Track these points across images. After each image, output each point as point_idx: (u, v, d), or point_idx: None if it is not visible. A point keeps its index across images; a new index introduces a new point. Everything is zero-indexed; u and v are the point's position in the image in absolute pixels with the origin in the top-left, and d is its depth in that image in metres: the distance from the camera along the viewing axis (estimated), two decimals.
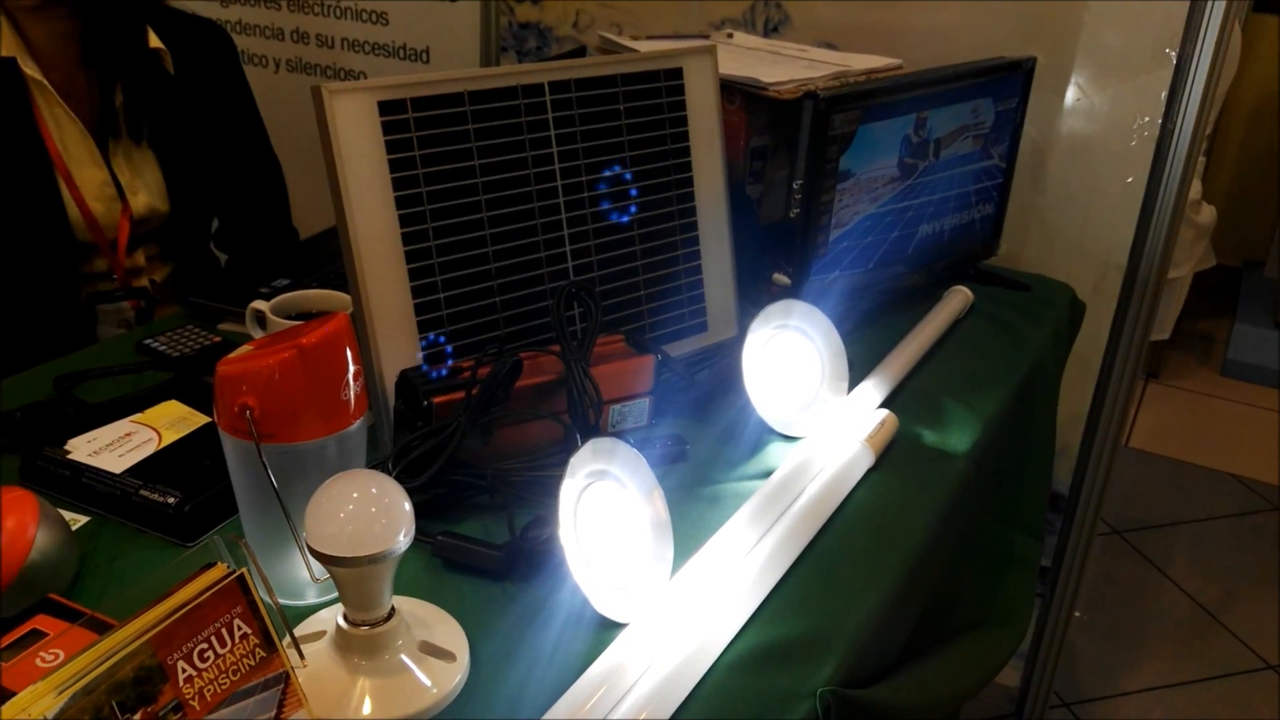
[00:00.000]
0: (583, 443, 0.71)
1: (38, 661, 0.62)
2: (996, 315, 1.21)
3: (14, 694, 0.44)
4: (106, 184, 1.24)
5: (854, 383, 0.97)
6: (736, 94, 1.20)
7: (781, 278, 1.15)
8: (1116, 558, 2.13)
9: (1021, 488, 1.13)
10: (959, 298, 1.21)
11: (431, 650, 0.66)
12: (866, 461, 0.88)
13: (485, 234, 0.93)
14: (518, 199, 0.94)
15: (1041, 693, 1.57)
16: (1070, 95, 1.40)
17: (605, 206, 1.00)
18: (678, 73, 1.04)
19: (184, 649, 0.49)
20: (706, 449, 0.92)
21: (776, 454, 0.91)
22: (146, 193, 1.27)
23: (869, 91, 1.15)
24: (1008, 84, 1.28)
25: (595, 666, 0.64)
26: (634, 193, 1.02)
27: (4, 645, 0.62)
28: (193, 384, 0.95)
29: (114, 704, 0.46)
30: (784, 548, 0.76)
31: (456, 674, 0.66)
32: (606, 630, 0.69)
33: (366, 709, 0.63)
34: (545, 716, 0.61)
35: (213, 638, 0.51)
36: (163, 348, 1.04)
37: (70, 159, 1.22)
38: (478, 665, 0.67)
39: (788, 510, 0.80)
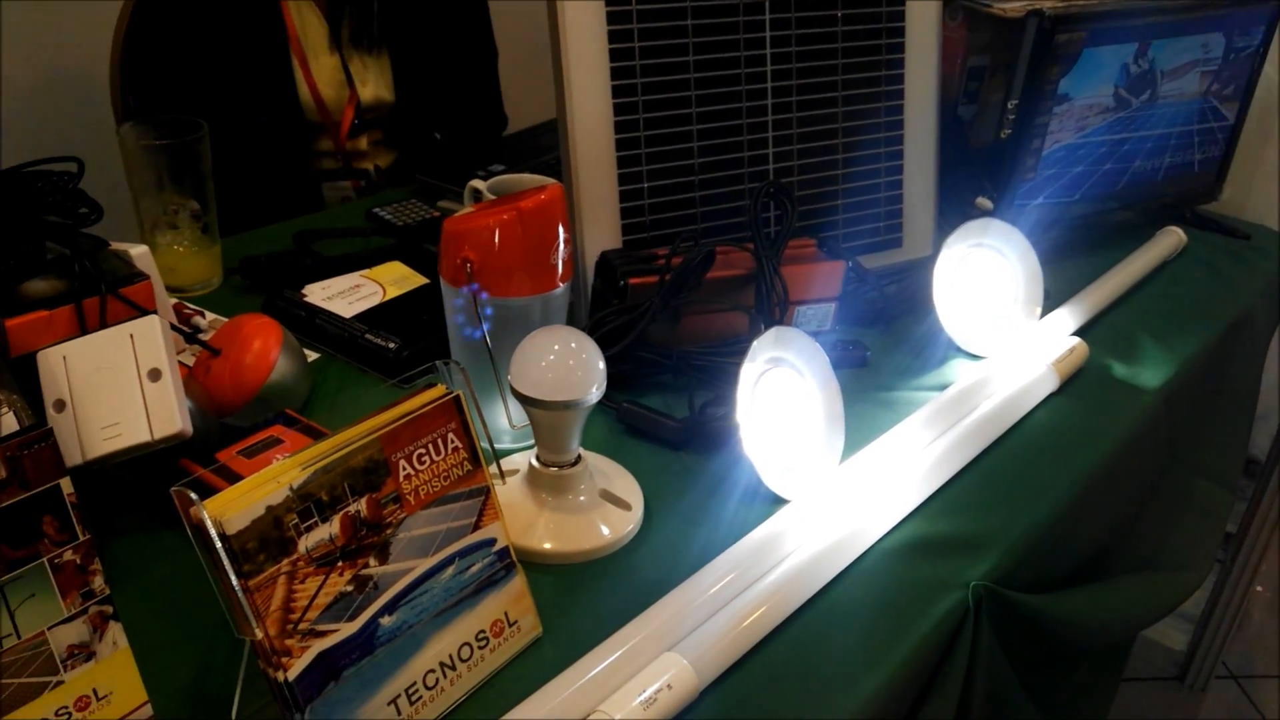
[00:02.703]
0: None
1: (273, 460, 0.71)
2: (1209, 260, 1.15)
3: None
4: (337, 71, 1.35)
5: (1048, 310, 0.96)
6: (959, 10, 1.18)
7: (984, 201, 1.13)
8: None
9: (1215, 438, 1.08)
10: (1171, 238, 1.15)
11: (610, 498, 0.72)
12: (1050, 385, 0.87)
13: (692, 129, 0.96)
14: (727, 97, 0.97)
15: (1209, 660, 1.51)
16: None
17: (812, 112, 1.01)
18: None
19: (406, 450, 0.56)
20: (887, 358, 0.93)
21: (958, 370, 0.91)
22: (375, 84, 1.38)
23: (1097, 14, 1.10)
24: (1251, 18, 1.19)
25: (756, 532, 0.68)
26: (843, 101, 1.02)
27: (246, 445, 0.72)
28: (414, 250, 1.04)
29: (346, 485, 0.54)
30: (955, 451, 0.77)
31: (630, 523, 0.71)
32: (772, 505, 0.73)
33: (547, 540, 0.69)
34: (706, 567, 0.65)
35: (430, 445, 0.58)
36: (389, 216, 1.13)
37: (307, 45, 1.33)
38: (649, 518, 0.73)
39: (963, 419, 0.81)
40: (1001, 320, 0.95)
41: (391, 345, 0.87)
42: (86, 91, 1.79)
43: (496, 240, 0.73)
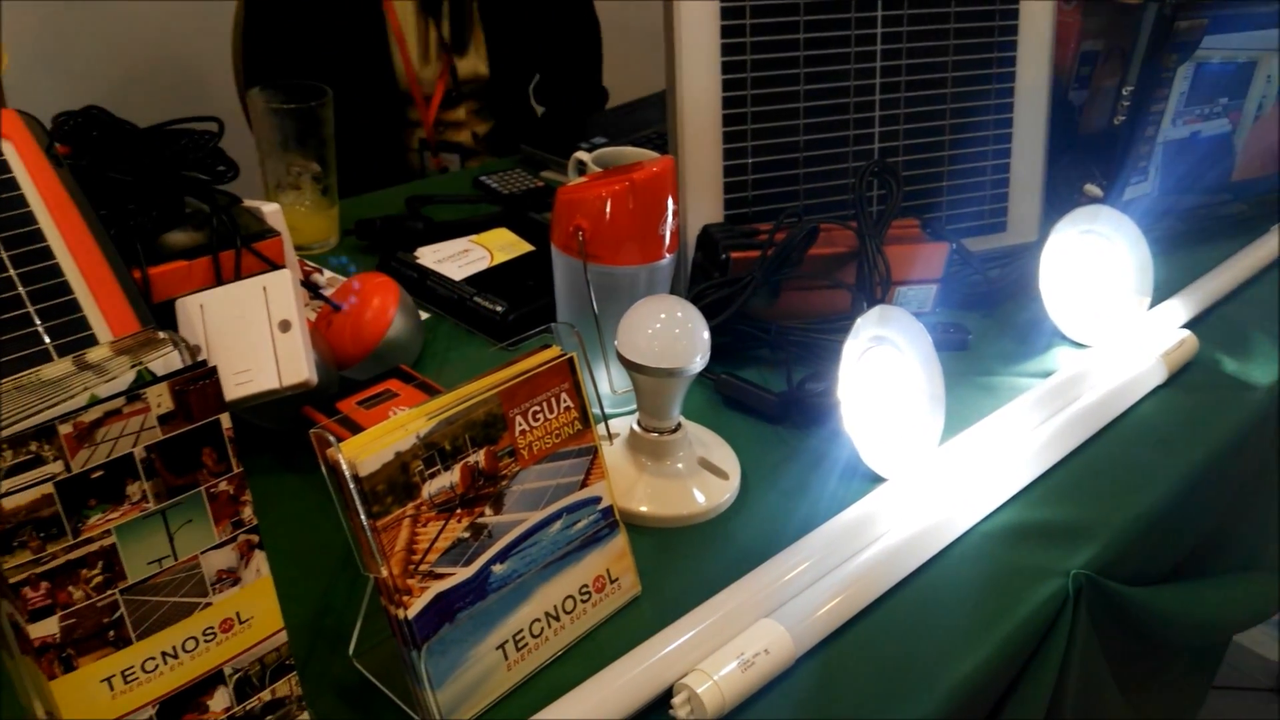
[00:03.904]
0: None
1: (390, 413, 0.75)
2: None
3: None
4: (434, 44, 1.38)
5: (1157, 301, 0.94)
6: None
7: (1093, 189, 1.11)
8: None
9: None
10: None
11: (708, 466, 0.74)
12: (1158, 377, 0.86)
13: (799, 106, 0.96)
14: (835, 75, 0.97)
15: None
16: None
17: (921, 92, 1.00)
18: None
19: (521, 406, 0.59)
20: (989, 343, 0.93)
21: (1062, 358, 0.90)
22: (472, 58, 1.41)
23: (1219, 0, 1.07)
24: None
25: (854, 508, 0.69)
26: (952, 82, 1.01)
27: (364, 397, 0.75)
28: (519, 217, 1.06)
29: (467, 437, 0.56)
30: (1059, 438, 0.77)
31: (726, 491, 0.73)
32: (869, 482, 0.73)
33: (645, 504, 0.71)
34: (804, 539, 0.66)
35: (544, 403, 0.60)
36: (495, 185, 1.16)
37: (404, 21, 1.36)
38: (746, 489, 0.74)
39: (1068, 406, 0.80)
40: (1109, 309, 0.93)
41: (499, 308, 0.89)
42: (201, 77, 1.88)
43: (608, 210, 0.75)
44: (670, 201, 0.77)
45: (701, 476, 0.73)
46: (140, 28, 1.88)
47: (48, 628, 0.41)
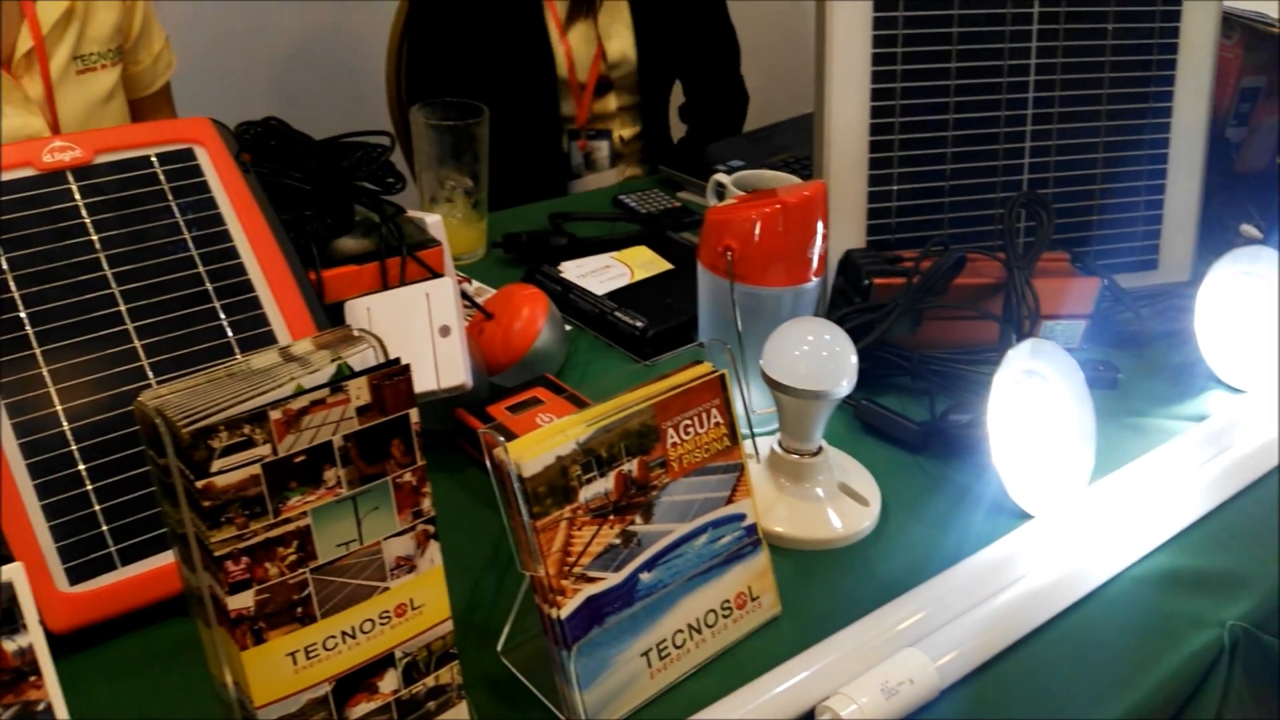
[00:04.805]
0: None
1: (536, 420, 0.77)
2: None
3: (516, 437, 0.56)
4: (590, 28, 1.43)
5: None
6: (1236, 28, 1.12)
7: (1251, 229, 1.07)
8: None
9: None
10: None
11: (849, 492, 0.74)
12: None
13: (948, 135, 0.96)
14: (986, 105, 0.96)
15: None
16: None
17: (1074, 124, 0.98)
18: None
19: (674, 419, 0.60)
20: (1138, 383, 0.90)
21: (1217, 402, 0.87)
22: (620, 39, 1.46)
23: None
24: None
25: (1001, 543, 0.68)
26: (1107, 115, 0.99)
27: (513, 403, 0.78)
28: (658, 236, 1.08)
29: (622, 445, 0.58)
30: (1215, 485, 0.74)
31: (866, 519, 0.73)
32: (1015, 519, 0.72)
33: (782, 525, 0.71)
34: (950, 571, 0.66)
35: (695, 418, 0.61)
36: (633, 204, 1.18)
37: (560, 9, 1.41)
38: (885, 517, 0.74)
39: (1224, 452, 0.77)
40: (1267, 354, 0.89)
41: (639, 324, 0.91)
42: (353, 88, 1.97)
43: (758, 232, 0.76)
44: (820, 225, 0.77)
45: (841, 501, 0.73)
46: (295, 35, 1.98)
47: (244, 600, 0.44)
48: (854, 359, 0.70)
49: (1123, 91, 1.00)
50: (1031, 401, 0.74)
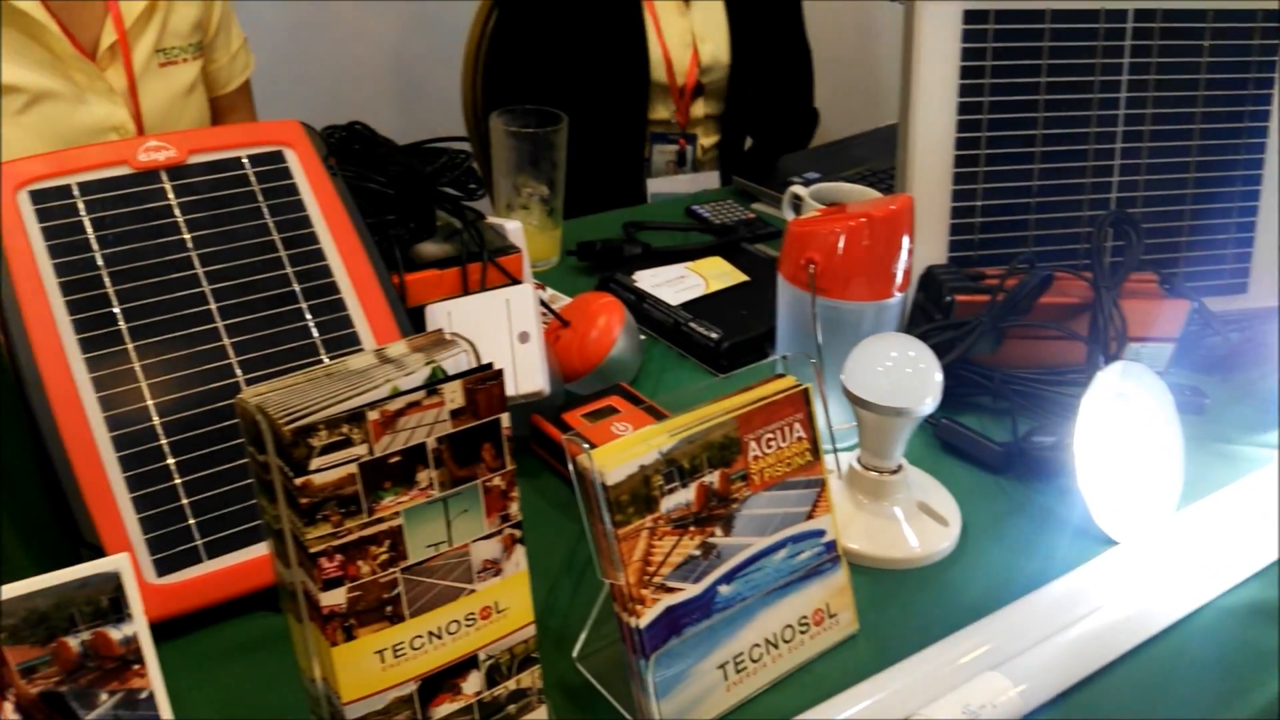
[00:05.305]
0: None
1: (611, 428, 0.77)
2: None
3: (594, 446, 0.56)
4: (686, 31, 1.43)
5: None
6: None
7: None
8: None
9: None
10: None
11: (928, 511, 0.72)
12: None
13: (1035, 151, 0.94)
14: (1075, 121, 0.94)
15: None
16: None
17: (1165, 144, 0.96)
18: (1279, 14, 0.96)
19: (756, 432, 0.59)
20: (1227, 409, 0.87)
21: None
22: (713, 42, 1.45)
23: None
24: None
25: (1086, 568, 0.67)
26: (1200, 135, 0.97)
27: (589, 411, 0.78)
28: (732, 247, 1.08)
29: (704, 457, 0.57)
30: None
31: (945, 539, 0.71)
32: (1100, 544, 0.70)
33: (860, 542, 0.70)
34: (1033, 595, 0.64)
35: (777, 431, 0.60)
36: (707, 214, 1.18)
37: (661, 12, 1.42)
38: (965, 538, 0.72)
39: None
40: None
41: (714, 335, 0.91)
42: (433, 93, 2.00)
43: (841, 245, 0.75)
44: (905, 240, 0.76)
45: (920, 520, 0.72)
46: (367, 42, 2.02)
47: (336, 597, 0.44)
48: (939, 377, 0.69)
49: (1217, 110, 0.97)
50: (1120, 425, 0.72)
